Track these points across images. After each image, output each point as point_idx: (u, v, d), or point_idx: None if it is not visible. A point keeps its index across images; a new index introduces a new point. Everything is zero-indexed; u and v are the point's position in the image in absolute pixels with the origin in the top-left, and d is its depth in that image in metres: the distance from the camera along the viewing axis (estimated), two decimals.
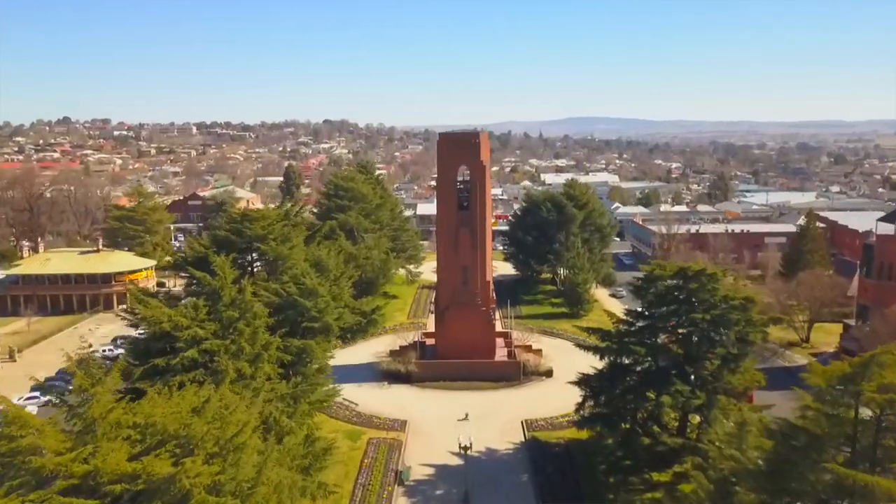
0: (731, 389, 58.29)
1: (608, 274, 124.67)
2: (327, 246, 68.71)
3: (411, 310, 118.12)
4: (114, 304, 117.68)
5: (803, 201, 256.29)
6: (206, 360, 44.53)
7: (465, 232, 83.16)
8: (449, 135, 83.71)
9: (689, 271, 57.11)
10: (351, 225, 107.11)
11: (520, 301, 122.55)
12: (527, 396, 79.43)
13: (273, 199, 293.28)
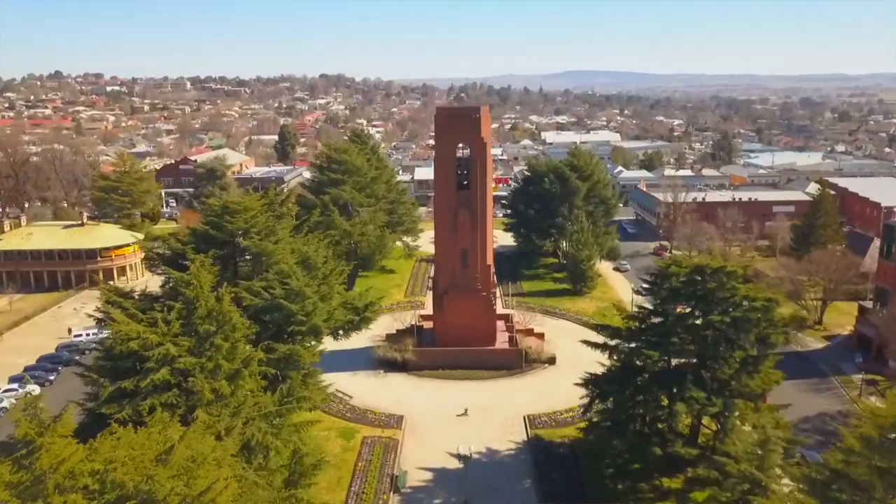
0: (749, 392, 54.58)
1: (613, 248, 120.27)
2: (317, 237, 64.01)
3: (409, 286, 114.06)
4: (100, 280, 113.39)
5: (809, 163, 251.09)
6: (180, 380, 40.40)
7: (465, 213, 78.46)
8: (447, 110, 78.37)
9: (707, 269, 52.71)
10: (345, 200, 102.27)
11: (520, 276, 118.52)
12: (529, 387, 75.84)
13: (268, 160, 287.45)
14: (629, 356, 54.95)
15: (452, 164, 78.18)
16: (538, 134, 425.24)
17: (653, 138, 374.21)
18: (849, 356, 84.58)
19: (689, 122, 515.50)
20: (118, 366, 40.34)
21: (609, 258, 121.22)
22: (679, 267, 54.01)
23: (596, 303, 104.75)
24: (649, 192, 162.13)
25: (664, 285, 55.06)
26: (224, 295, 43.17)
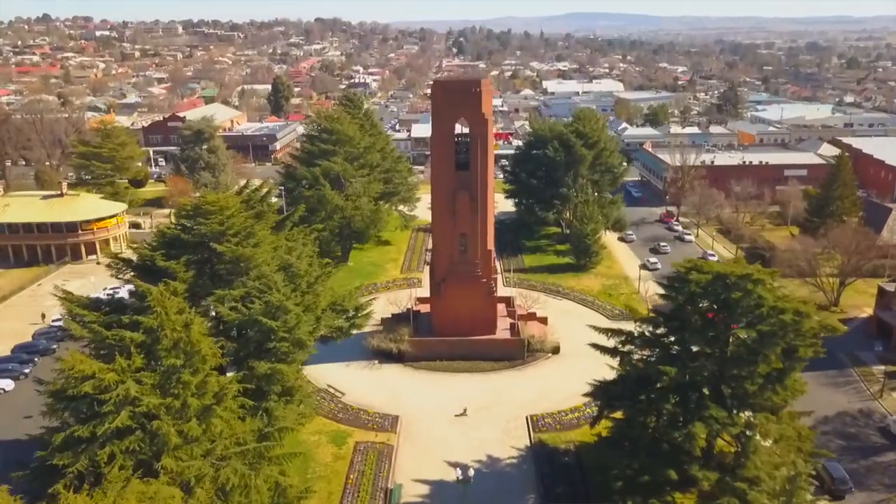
0: (772, 406, 50.30)
1: (619, 218, 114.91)
2: (302, 232, 58.70)
3: (405, 259, 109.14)
4: (82, 254, 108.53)
5: (819, 117, 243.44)
6: (143, 422, 35.82)
7: (464, 195, 72.98)
8: (445, 83, 71.92)
9: (732, 277, 47.67)
10: (336, 172, 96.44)
11: (521, 247, 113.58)
12: (531, 380, 71.73)
13: (260, 114, 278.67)
14: (643, 370, 50.30)
15: (451, 142, 72.33)
16: (539, 82, 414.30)
17: (657, 88, 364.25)
18: (868, 343, 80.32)
19: (694, 69, 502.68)
20: (72, 407, 35.63)
21: (615, 229, 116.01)
22: (700, 273, 48.96)
23: (601, 279, 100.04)
24: (656, 154, 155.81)
25: (682, 290, 50.09)
26: (192, 321, 38.21)
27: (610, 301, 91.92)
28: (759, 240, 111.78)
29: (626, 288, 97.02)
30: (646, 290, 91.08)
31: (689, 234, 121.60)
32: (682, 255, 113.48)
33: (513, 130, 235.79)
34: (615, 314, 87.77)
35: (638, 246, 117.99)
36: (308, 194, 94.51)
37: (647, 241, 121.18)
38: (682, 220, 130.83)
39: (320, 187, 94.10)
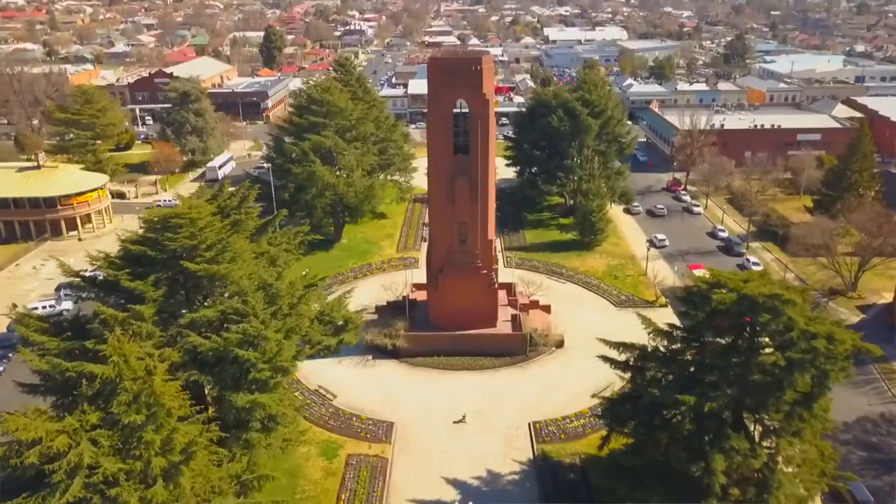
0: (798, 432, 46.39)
1: (625, 191, 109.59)
2: (285, 235, 53.69)
3: (401, 235, 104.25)
4: (62, 230, 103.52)
5: (830, 70, 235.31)
6: (102, 489, 31.70)
7: (464, 181, 67.78)
8: (442, 61, 65.73)
9: (759, 298, 42.98)
10: (327, 146, 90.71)
11: (523, 222, 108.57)
12: (534, 380, 67.81)
13: (252, 65, 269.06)
14: (658, 398, 46.02)
15: (448, 123, 66.73)
16: (540, 29, 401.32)
17: (662, 37, 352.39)
18: (888, 334, 76.22)
19: (699, 13, 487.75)
20: (18, 476, 31.43)
21: (621, 201, 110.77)
22: (723, 292, 44.25)
23: (606, 259, 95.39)
24: (663, 116, 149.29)
25: (703, 308, 45.52)
26: (156, 368, 33.72)
27: (616, 284, 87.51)
28: (772, 214, 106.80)
29: (633, 269, 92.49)
30: (654, 274, 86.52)
31: (698, 206, 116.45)
32: (689, 230, 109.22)
33: (514, 84, 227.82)
34: (621, 300, 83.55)
35: (644, 218, 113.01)
36: (297, 171, 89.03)
37: (653, 210, 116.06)
38: (690, 189, 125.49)
39: (310, 163, 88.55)
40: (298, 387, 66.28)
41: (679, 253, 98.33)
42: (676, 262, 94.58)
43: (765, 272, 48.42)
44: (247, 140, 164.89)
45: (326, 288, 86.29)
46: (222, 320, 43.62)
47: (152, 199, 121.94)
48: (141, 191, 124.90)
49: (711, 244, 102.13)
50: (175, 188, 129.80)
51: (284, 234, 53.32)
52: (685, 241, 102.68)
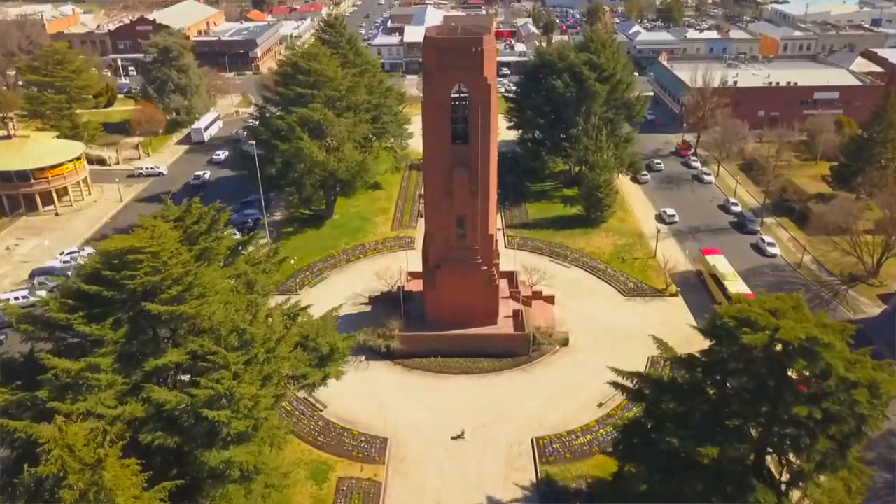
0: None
1: (634, 161, 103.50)
2: (268, 259, 48.26)
3: (397, 209, 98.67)
4: (38, 205, 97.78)
5: (845, 12, 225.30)
6: None
7: (462, 172, 62.07)
8: (439, 41, 58.94)
9: (794, 343, 38.08)
10: (316, 120, 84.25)
11: (525, 193, 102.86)
12: (537, 386, 63.62)
13: (241, 5, 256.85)
14: (676, 448, 41.65)
15: (446, 110, 60.56)
16: None
17: None
18: None
19: None
20: None
21: (629, 171, 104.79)
22: (752, 332, 39.28)
23: (613, 237, 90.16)
24: (673, 71, 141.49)
25: (729, 347, 40.76)
26: (107, 456, 29.17)
27: (623, 269, 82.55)
28: (788, 187, 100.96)
29: (641, 249, 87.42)
30: (664, 260, 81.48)
31: (709, 174, 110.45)
32: (700, 202, 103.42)
33: (515, 28, 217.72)
34: (630, 288, 78.83)
35: (652, 189, 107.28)
36: (284, 148, 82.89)
37: (663, 181, 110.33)
38: (701, 154, 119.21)
39: (297, 139, 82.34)
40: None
41: (690, 230, 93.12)
42: (687, 242, 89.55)
43: (798, 303, 43.16)
44: (234, 94, 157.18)
45: (317, 273, 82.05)
46: (193, 363, 38.91)
47: (135, 165, 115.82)
48: (123, 155, 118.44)
49: (724, 219, 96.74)
50: (159, 151, 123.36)
51: (268, 257, 47.77)
52: (696, 216, 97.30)
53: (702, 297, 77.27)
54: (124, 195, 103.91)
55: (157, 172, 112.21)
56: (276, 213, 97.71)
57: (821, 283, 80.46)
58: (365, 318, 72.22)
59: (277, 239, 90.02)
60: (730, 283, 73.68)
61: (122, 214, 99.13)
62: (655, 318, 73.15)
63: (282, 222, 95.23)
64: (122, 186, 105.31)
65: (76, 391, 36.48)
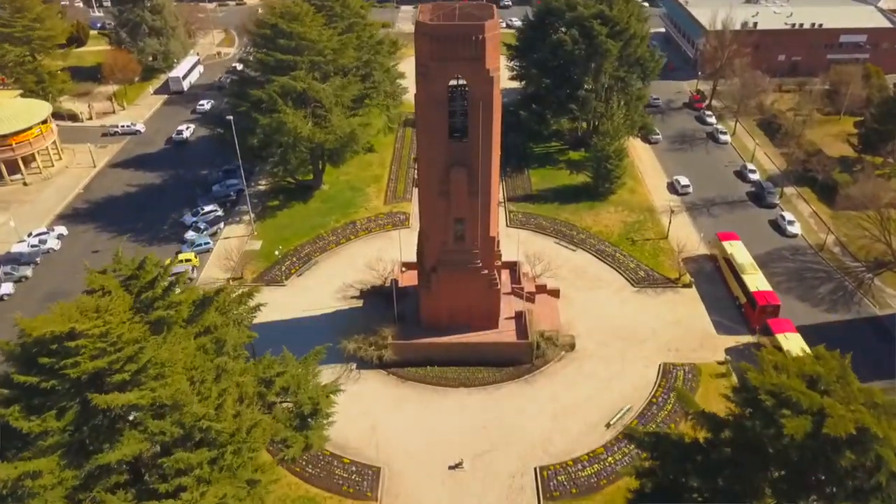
0: None
1: (646, 124, 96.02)
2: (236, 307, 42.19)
3: (390, 178, 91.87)
4: (3, 174, 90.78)
5: None
6: None
7: (461, 173, 55.52)
8: (434, 27, 50.93)
9: (843, 436, 32.96)
10: (300, 90, 76.47)
11: (528, 156, 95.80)
12: (541, 402, 59.08)
13: None
14: None
15: (442, 105, 53.40)
16: None
17: None
18: None
19: None
20: None
21: (641, 134, 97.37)
22: (793, 415, 34.11)
23: (622, 213, 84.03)
24: (689, 10, 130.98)
25: (766, 429, 35.63)
26: None
27: (634, 253, 76.91)
28: (810, 149, 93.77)
29: (653, 228, 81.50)
30: (679, 247, 75.65)
31: (725, 133, 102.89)
32: (715, 167, 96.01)
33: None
34: (640, 277, 73.47)
35: (664, 150, 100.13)
36: (265, 122, 75.56)
37: (675, 139, 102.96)
38: (716, 106, 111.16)
39: (279, 111, 74.90)
40: None
41: (704, 203, 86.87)
42: (701, 218, 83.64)
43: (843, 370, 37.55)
44: (216, 31, 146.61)
45: (305, 260, 76.45)
46: (153, 457, 34.02)
47: (109, 121, 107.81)
48: (96, 108, 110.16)
49: (740, 189, 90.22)
50: (135, 103, 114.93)
51: (236, 299, 41.88)
52: (710, 184, 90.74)
53: (717, 287, 72.02)
54: (98, 159, 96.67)
55: (133, 130, 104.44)
56: (260, 181, 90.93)
57: (844, 270, 74.99)
58: (356, 316, 67.29)
59: (262, 215, 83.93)
60: (749, 276, 68.24)
61: (97, 183, 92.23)
62: (668, 316, 68.23)
63: (266, 194, 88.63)
64: (95, 149, 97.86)
65: (17, 499, 31.69)
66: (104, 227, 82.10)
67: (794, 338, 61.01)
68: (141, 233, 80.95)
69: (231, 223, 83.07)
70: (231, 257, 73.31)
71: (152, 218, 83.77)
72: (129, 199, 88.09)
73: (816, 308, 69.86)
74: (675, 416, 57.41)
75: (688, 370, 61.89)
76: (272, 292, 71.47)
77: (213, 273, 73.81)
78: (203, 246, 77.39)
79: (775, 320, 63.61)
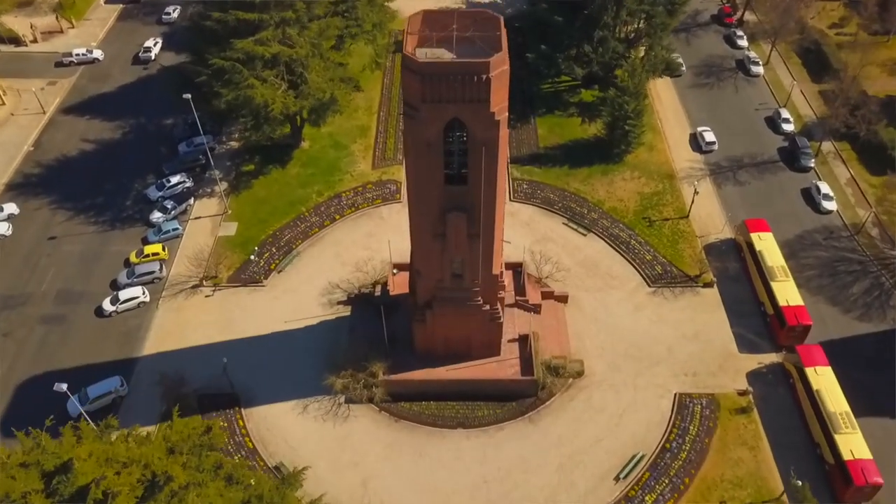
0: None
1: (671, 62, 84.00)
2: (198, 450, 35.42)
3: (378, 131, 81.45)
4: None
5: None
6: None
7: (459, 218, 47.03)
8: (432, 68, 39.54)
9: None
10: (268, 56, 64.75)
11: (534, 98, 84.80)
12: (546, 447, 54.52)
13: None
14: None
15: (437, 150, 43.86)
16: None
17: None
18: None
19: None
20: None
21: (665, 74, 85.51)
22: None
23: (639, 181, 75.32)
24: None
25: None
26: None
27: (651, 238, 69.31)
28: (853, 92, 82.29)
29: (673, 202, 73.18)
30: (701, 232, 67.77)
31: (758, 63, 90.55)
32: (744, 111, 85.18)
33: None
34: (657, 273, 66.52)
35: (687, 86, 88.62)
36: (229, 97, 64.70)
37: (700, 70, 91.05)
38: (749, 21, 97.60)
39: (245, 85, 63.90)
40: (254, 459, 53.63)
41: (730, 164, 77.75)
42: (727, 186, 75.29)
43: None
44: None
45: (285, 250, 68.94)
46: None
47: (59, 43, 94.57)
48: (41, 27, 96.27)
49: (771, 144, 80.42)
50: (85, 18, 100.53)
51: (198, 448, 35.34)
52: (738, 137, 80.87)
53: (741, 287, 65.28)
54: (47, 101, 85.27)
55: (90, 59, 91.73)
56: (232, 138, 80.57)
57: (881, 262, 67.88)
58: (344, 328, 61.31)
59: (236, 185, 74.97)
60: (779, 285, 61.26)
61: (48, 137, 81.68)
62: (686, 327, 62.21)
63: (239, 153, 78.67)
64: (42, 90, 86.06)
65: None
66: (60, 203, 73.32)
67: (825, 373, 55.40)
68: (101, 211, 72.41)
69: (201, 196, 74.30)
70: (203, 253, 66.10)
71: (113, 189, 74.73)
72: (85, 161, 78.22)
73: (848, 315, 63.64)
74: (689, 468, 53.20)
75: (705, 404, 56.90)
76: (250, 295, 65.11)
77: (184, 269, 66.57)
78: (172, 233, 69.41)
79: (805, 348, 57.58)
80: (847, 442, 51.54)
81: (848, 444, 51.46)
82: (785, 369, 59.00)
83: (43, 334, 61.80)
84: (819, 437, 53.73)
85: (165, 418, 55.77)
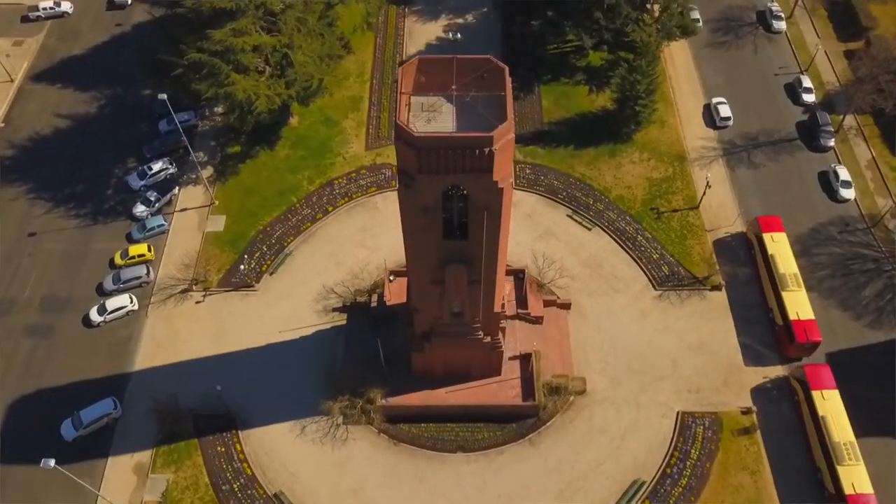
0: None
1: (686, 26, 77.43)
2: None
3: (371, 103, 76.14)
4: None
5: None
6: None
7: (459, 271, 44.20)
8: (432, 142, 34.72)
9: None
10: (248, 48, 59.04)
11: (539, 64, 78.85)
12: (546, 473, 54.29)
13: None
14: None
15: (435, 213, 40.40)
16: None
17: None
18: None
19: None
20: None
21: (680, 36, 79.04)
22: None
23: (648, 164, 71.40)
24: None
25: None
26: None
27: (658, 231, 66.39)
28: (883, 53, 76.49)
29: (683, 189, 69.62)
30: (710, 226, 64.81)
31: (781, 17, 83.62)
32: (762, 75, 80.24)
33: None
34: (664, 275, 64.10)
35: (703, 45, 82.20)
36: (207, 95, 59.69)
37: (717, 27, 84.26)
38: None
39: (225, 82, 58.76)
40: (253, 487, 53.50)
41: (745, 142, 73.43)
42: (740, 169, 71.55)
43: None
44: None
45: (276, 248, 66.18)
46: None
47: None
48: None
49: (790, 117, 75.53)
50: None
51: None
52: (755, 109, 76.03)
53: (750, 290, 63.09)
54: (14, 69, 79.24)
55: (59, 13, 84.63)
56: (217, 115, 75.34)
57: None
58: (340, 339, 59.81)
59: (222, 168, 71.07)
60: (790, 295, 59.08)
61: (18, 110, 76.42)
62: (691, 337, 60.59)
63: (224, 131, 73.86)
64: (8, 57, 79.69)
65: None
66: (37, 193, 69.52)
67: (832, 398, 54.32)
68: (82, 203, 68.78)
69: (186, 183, 70.40)
70: (190, 253, 63.52)
71: (92, 175, 70.70)
72: (60, 141, 73.45)
73: (858, 322, 61.83)
74: (689, 495, 53.19)
75: (708, 424, 56.22)
76: (242, 301, 63.00)
77: (172, 271, 64.03)
78: (157, 229, 66.24)
79: (813, 369, 56.16)
80: (849, 474, 51.20)
81: (850, 476, 51.14)
82: (790, 385, 57.93)
83: (30, 348, 60.05)
84: (821, 462, 53.38)
85: (161, 443, 55.72)
